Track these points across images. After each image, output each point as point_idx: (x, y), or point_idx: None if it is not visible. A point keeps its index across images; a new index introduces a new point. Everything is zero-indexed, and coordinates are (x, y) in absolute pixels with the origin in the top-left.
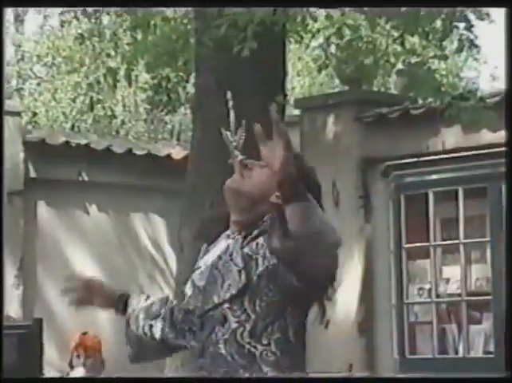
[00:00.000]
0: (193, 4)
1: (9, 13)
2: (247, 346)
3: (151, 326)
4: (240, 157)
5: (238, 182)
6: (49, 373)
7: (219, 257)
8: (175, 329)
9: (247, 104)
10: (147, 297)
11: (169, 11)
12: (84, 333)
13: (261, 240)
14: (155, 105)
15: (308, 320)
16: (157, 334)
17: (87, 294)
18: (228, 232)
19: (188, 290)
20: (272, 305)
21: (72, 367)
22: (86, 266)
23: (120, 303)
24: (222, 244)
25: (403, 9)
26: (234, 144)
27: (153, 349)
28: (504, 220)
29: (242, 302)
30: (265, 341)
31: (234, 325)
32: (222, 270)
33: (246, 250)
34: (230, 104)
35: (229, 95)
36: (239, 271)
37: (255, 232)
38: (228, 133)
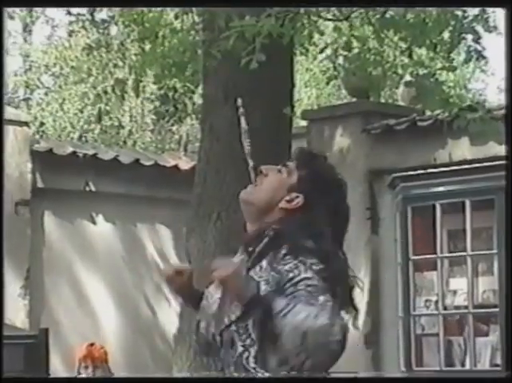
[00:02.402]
0: (205, 4)
1: (18, 23)
2: (253, 371)
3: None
4: (251, 164)
5: (249, 191)
6: None
7: None
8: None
9: (255, 115)
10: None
11: (177, 22)
12: (92, 345)
13: (264, 263)
14: (162, 116)
15: None
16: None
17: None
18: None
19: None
20: None
21: None
22: (92, 277)
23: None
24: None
25: (411, 20)
26: (247, 151)
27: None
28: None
29: (246, 325)
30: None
31: (240, 349)
32: None
33: (251, 272)
34: (241, 110)
35: (239, 102)
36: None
37: (257, 249)
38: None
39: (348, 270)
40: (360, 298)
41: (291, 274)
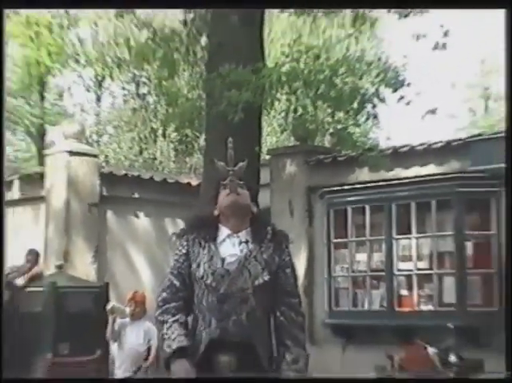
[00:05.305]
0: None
1: (92, 94)
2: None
3: None
4: (237, 181)
5: (241, 198)
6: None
7: (245, 257)
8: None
9: (237, 152)
10: None
11: (189, 94)
12: (136, 292)
13: (271, 250)
14: (180, 152)
15: None
16: None
17: None
18: (229, 233)
19: (213, 274)
20: None
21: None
22: (136, 253)
23: None
24: (234, 245)
25: (333, 95)
26: (231, 172)
27: None
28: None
29: (261, 289)
30: (277, 313)
31: (254, 303)
32: (248, 267)
33: (264, 256)
34: (230, 145)
35: (230, 140)
36: (263, 269)
37: (266, 241)
38: (222, 164)
39: None
40: (301, 266)
41: (287, 258)
